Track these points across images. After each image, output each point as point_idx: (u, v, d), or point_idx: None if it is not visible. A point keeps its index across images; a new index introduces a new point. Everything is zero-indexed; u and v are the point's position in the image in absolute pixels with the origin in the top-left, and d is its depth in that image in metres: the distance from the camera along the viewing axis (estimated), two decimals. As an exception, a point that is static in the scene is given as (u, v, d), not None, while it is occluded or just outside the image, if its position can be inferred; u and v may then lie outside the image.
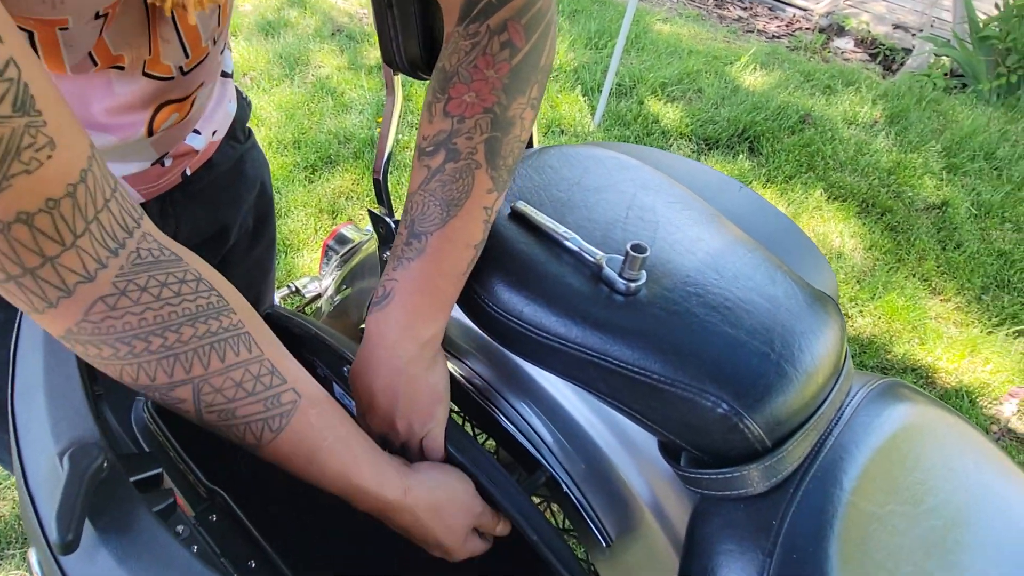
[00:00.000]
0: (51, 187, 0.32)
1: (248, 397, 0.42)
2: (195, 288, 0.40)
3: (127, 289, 0.37)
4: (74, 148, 0.33)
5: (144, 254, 0.38)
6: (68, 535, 0.31)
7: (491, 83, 0.48)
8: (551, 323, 0.50)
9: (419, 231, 0.50)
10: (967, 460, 0.57)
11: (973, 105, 2.85)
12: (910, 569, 0.47)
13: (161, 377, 0.39)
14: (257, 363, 0.42)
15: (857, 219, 2.13)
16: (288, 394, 0.43)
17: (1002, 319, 1.84)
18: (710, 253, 0.55)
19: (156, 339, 0.38)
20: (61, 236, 0.33)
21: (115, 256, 0.36)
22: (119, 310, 0.37)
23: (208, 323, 0.40)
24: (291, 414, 0.43)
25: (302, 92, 2.42)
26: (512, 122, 0.50)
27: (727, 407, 0.45)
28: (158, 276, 0.38)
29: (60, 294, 0.35)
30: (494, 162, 0.50)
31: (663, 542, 0.57)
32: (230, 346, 0.41)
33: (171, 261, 0.39)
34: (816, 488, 0.48)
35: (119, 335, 0.37)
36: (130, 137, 0.55)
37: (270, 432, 0.43)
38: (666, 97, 2.60)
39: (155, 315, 0.38)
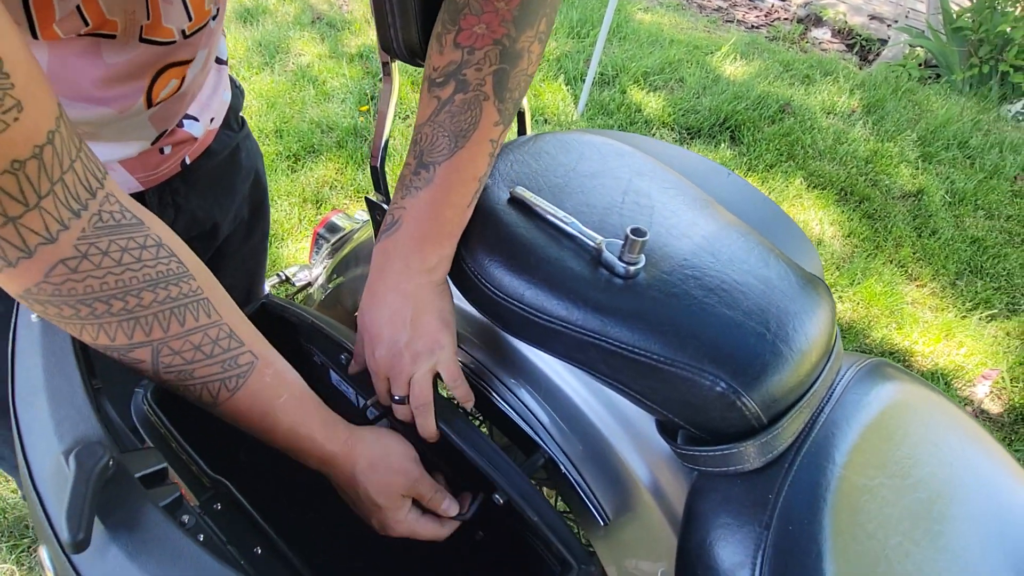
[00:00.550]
0: (17, 149, 0.32)
1: (206, 359, 0.43)
2: (156, 254, 0.40)
3: (89, 252, 0.37)
4: (42, 109, 0.33)
5: (106, 217, 0.38)
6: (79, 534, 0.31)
7: (501, 15, 0.49)
8: (552, 306, 0.51)
9: (428, 161, 0.52)
10: (949, 436, 0.60)
11: (947, 95, 2.91)
12: (899, 539, 0.49)
13: (121, 339, 0.40)
14: (216, 327, 0.44)
15: (836, 207, 2.17)
16: (245, 356, 0.45)
17: (975, 304, 1.89)
18: (705, 237, 0.56)
19: (117, 302, 0.39)
20: (25, 197, 0.33)
21: (77, 218, 0.36)
22: (80, 273, 0.37)
23: (168, 288, 0.41)
24: (248, 374, 0.45)
25: (283, 80, 2.38)
26: (520, 54, 0.51)
27: (725, 385, 0.46)
28: (119, 240, 0.39)
29: (20, 254, 0.35)
30: (501, 95, 0.51)
31: (660, 520, 0.58)
32: (189, 311, 0.42)
33: (133, 225, 0.40)
34: (810, 463, 0.49)
35: (80, 297, 0.38)
36: (128, 108, 0.55)
37: (227, 391, 0.45)
38: (648, 86, 2.62)
39: (116, 279, 0.38)
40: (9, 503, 1.23)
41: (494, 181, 0.58)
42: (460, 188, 0.52)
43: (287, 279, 1.01)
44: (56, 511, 0.36)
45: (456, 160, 0.51)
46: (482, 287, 0.53)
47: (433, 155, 0.51)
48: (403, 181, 0.53)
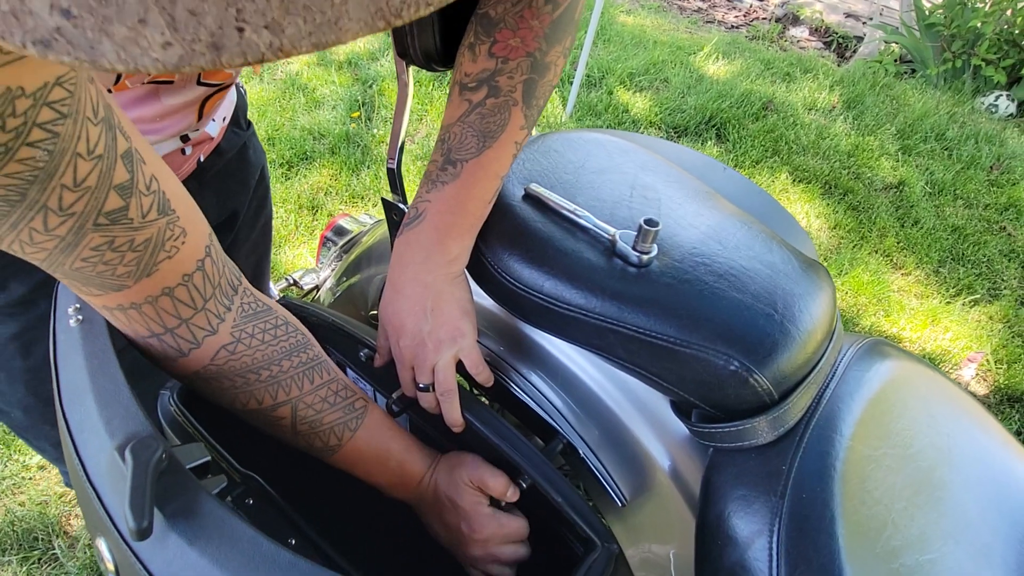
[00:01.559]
0: (186, 265, 0.41)
1: (331, 408, 0.52)
2: (286, 331, 0.50)
3: (241, 337, 0.46)
4: (199, 231, 0.42)
5: (247, 308, 0.47)
6: (143, 522, 0.33)
7: (535, 31, 0.53)
8: (571, 295, 0.53)
9: (455, 158, 0.55)
10: (944, 408, 0.63)
11: (923, 89, 2.98)
12: (903, 504, 0.52)
13: (267, 400, 0.49)
14: (335, 382, 0.53)
15: (821, 200, 2.22)
16: (359, 402, 0.55)
17: (958, 290, 1.95)
18: (711, 226, 0.59)
19: (264, 371, 0.48)
20: (194, 302, 0.42)
21: (229, 311, 0.45)
22: (237, 353, 0.46)
23: (300, 355, 0.50)
24: (363, 416, 0.54)
25: (272, 89, 2.39)
26: (548, 67, 0.55)
27: (739, 364, 0.49)
28: (259, 324, 0.48)
29: (191, 346, 0.44)
30: (529, 101, 0.55)
31: (676, 498, 0.61)
32: (316, 372, 0.51)
33: (266, 311, 0.49)
34: (819, 435, 0.52)
35: (237, 371, 0.47)
36: (182, 131, 0.62)
37: (349, 432, 0.53)
38: (634, 87, 2.66)
39: (263, 354, 0.48)
40: (17, 515, 1.23)
41: (508, 178, 0.61)
42: (484, 184, 0.55)
43: (295, 283, 1.03)
44: (115, 503, 0.38)
45: (483, 158, 0.54)
46: (502, 280, 0.56)
47: (461, 152, 0.54)
48: (428, 177, 0.56)
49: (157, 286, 0.39)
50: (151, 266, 0.38)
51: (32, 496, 1.26)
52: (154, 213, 0.37)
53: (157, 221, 0.37)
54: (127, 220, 0.36)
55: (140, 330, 0.42)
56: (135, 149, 0.36)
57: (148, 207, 0.37)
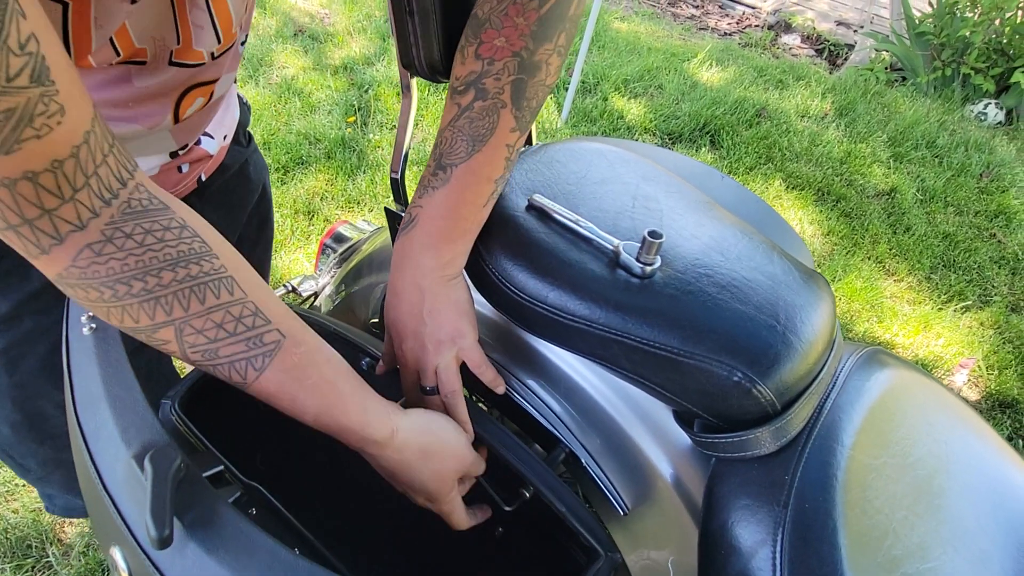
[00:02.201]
0: (58, 149, 0.34)
1: (229, 337, 0.43)
2: (178, 235, 0.41)
3: (113, 236, 0.39)
4: (80, 111, 0.35)
5: (135, 204, 0.40)
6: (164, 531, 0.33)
7: (520, 29, 0.52)
8: (575, 306, 0.54)
9: (446, 163, 0.54)
10: (941, 416, 0.64)
11: (913, 97, 3.02)
12: (903, 513, 0.53)
13: (144, 319, 0.41)
14: (239, 305, 0.43)
15: (815, 207, 2.24)
16: (271, 334, 0.44)
17: (950, 296, 1.97)
18: (713, 237, 0.59)
19: (137, 283, 0.40)
20: (61, 191, 0.36)
21: (108, 206, 0.38)
22: (104, 256, 0.39)
23: (188, 267, 0.41)
24: (274, 353, 0.44)
25: (268, 93, 2.39)
26: (538, 66, 0.53)
27: (742, 375, 0.50)
28: (143, 224, 0.40)
29: (53, 242, 0.37)
30: (519, 103, 0.53)
31: (677, 507, 0.61)
32: (210, 289, 0.42)
33: (159, 210, 0.41)
34: (821, 445, 0.53)
35: (103, 280, 0.39)
36: (156, 125, 0.57)
37: (254, 371, 0.44)
38: (629, 93, 2.68)
39: (136, 260, 0.39)
40: (11, 523, 1.22)
41: (511, 189, 0.61)
42: (476, 188, 0.54)
43: (293, 289, 1.03)
44: (132, 512, 0.38)
45: (472, 162, 0.54)
46: (506, 290, 0.56)
47: (451, 157, 0.54)
48: (422, 182, 0.56)
49: (17, 168, 0.33)
50: (11, 143, 0.32)
51: (26, 503, 1.25)
52: (24, 79, 0.31)
53: (27, 90, 0.31)
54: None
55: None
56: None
57: (17, 70, 0.31)
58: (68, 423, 0.44)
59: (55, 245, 0.37)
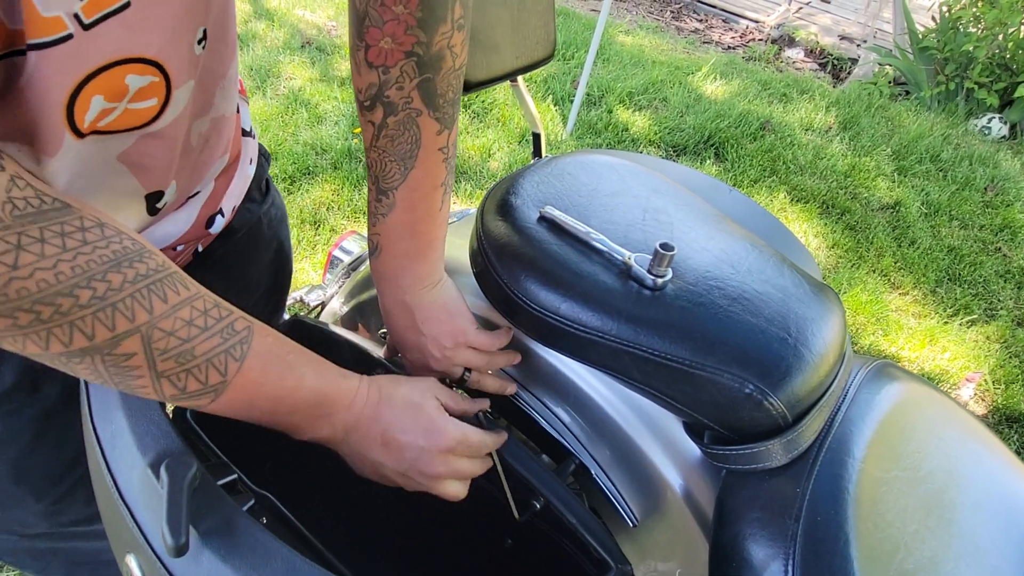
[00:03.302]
0: None
1: (202, 333, 0.38)
2: (102, 233, 0.34)
3: (22, 243, 0.31)
4: None
5: (21, 204, 0.31)
6: (181, 539, 0.33)
7: (403, 21, 0.44)
8: (587, 318, 0.54)
9: (384, 187, 0.51)
10: (951, 430, 0.64)
11: (917, 111, 3.03)
12: (915, 527, 0.53)
13: (101, 332, 0.34)
14: (199, 298, 0.39)
15: (819, 219, 2.25)
16: (240, 322, 0.41)
17: (956, 310, 1.97)
18: (723, 249, 0.60)
19: (83, 291, 0.33)
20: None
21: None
22: (24, 268, 0.30)
23: (134, 266, 0.35)
24: (249, 339, 0.41)
25: (275, 104, 2.41)
26: (440, 56, 0.46)
27: (753, 387, 0.50)
28: (52, 227, 0.32)
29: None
30: (433, 103, 0.48)
31: (687, 519, 0.61)
32: (167, 286, 0.36)
33: (59, 210, 0.33)
34: (832, 458, 0.53)
35: (35, 296, 0.31)
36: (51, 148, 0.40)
37: (235, 361, 0.40)
38: (634, 106, 2.69)
39: (71, 265, 0.32)
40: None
41: (523, 201, 0.62)
42: (424, 203, 0.52)
43: (301, 299, 1.03)
44: (148, 520, 0.38)
45: (411, 180, 0.51)
46: (518, 301, 0.57)
47: (388, 182, 0.51)
48: (370, 207, 0.53)
49: None
50: None
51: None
52: None
53: None
54: None
55: None
56: None
57: None
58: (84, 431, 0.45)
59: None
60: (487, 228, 0.60)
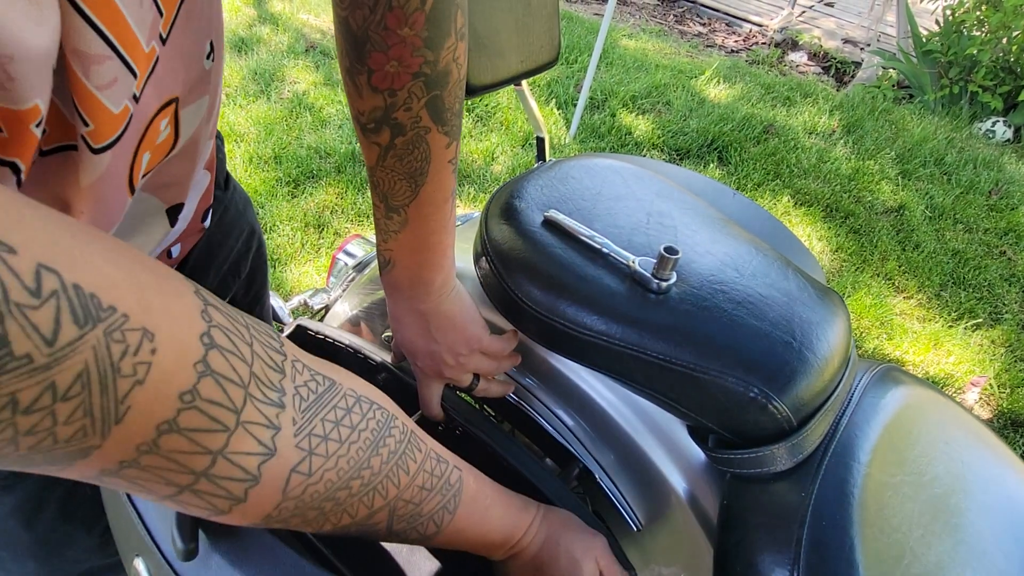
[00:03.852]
0: (177, 381, 0.25)
1: (429, 494, 0.40)
2: (363, 412, 0.36)
3: (313, 447, 0.32)
4: (177, 317, 0.25)
5: (305, 393, 0.32)
6: (190, 543, 0.34)
7: (410, 44, 0.43)
8: (592, 321, 0.54)
9: (395, 205, 0.51)
10: (957, 434, 0.64)
11: (921, 115, 3.03)
12: (920, 532, 0.53)
13: (362, 512, 0.36)
14: (429, 459, 0.41)
15: (823, 223, 2.24)
16: (454, 473, 0.43)
17: (960, 314, 1.96)
18: (728, 253, 0.60)
19: (355, 482, 0.35)
20: (221, 421, 0.27)
21: (283, 409, 0.30)
22: (316, 473, 0.32)
23: (387, 443, 0.37)
24: (461, 490, 0.43)
25: (279, 108, 2.42)
26: (447, 72, 0.46)
27: (758, 391, 0.50)
28: (329, 416, 0.33)
29: (246, 484, 0.29)
30: (441, 117, 0.48)
31: (692, 524, 0.61)
32: (409, 457, 0.39)
33: (328, 389, 0.34)
34: (837, 463, 0.53)
35: (323, 496, 0.33)
36: (121, 204, 0.41)
37: (449, 515, 0.42)
38: (637, 110, 2.69)
39: (348, 460, 0.34)
40: None
41: (527, 205, 0.62)
42: (436, 215, 0.52)
43: (305, 303, 1.04)
44: (157, 524, 0.38)
45: (422, 197, 0.50)
46: (523, 306, 0.57)
47: (397, 200, 0.50)
48: (378, 224, 0.53)
49: (148, 426, 0.24)
50: (115, 407, 0.23)
51: None
52: (72, 329, 0.21)
53: (84, 339, 0.21)
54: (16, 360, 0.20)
55: (158, 489, 0.27)
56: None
57: (50, 323, 0.20)
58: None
59: (251, 486, 0.29)
60: (491, 232, 0.60)
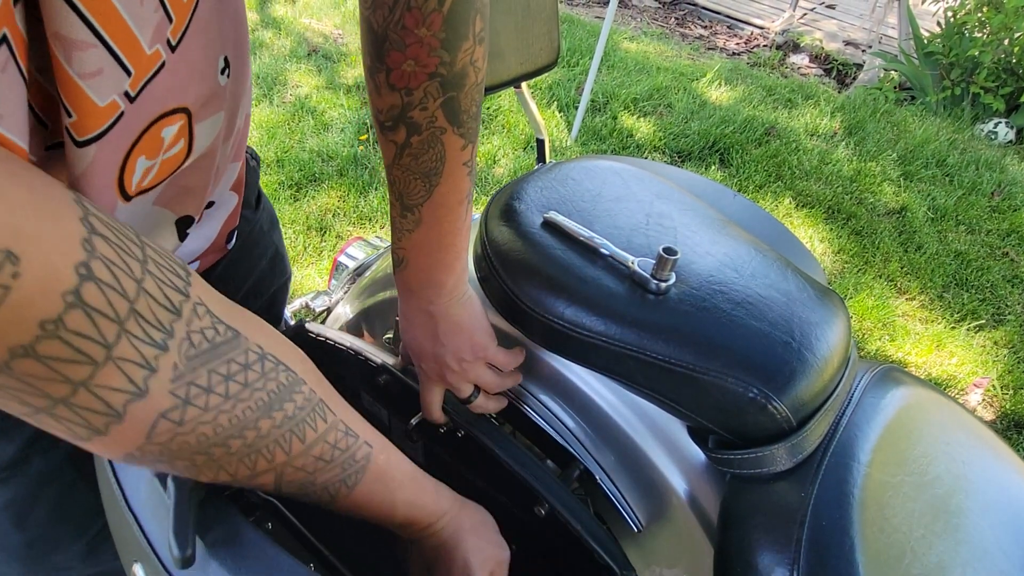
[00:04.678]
0: (37, 308, 0.24)
1: (327, 466, 0.40)
2: (262, 371, 0.35)
3: (190, 396, 0.31)
4: (50, 245, 0.25)
5: (198, 340, 0.31)
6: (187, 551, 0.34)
7: (427, 44, 0.43)
8: (591, 322, 0.54)
9: (409, 204, 0.51)
10: (958, 434, 0.63)
11: (923, 116, 3.02)
12: (922, 532, 0.53)
13: (243, 472, 0.36)
14: (334, 431, 0.40)
15: (825, 225, 2.24)
16: (361, 450, 0.42)
17: (963, 315, 1.96)
18: (727, 254, 0.60)
19: (235, 441, 0.33)
20: (86, 353, 0.26)
21: (165, 352, 0.29)
22: (188, 423, 0.31)
23: (284, 407, 0.36)
24: (365, 469, 0.42)
25: (282, 112, 2.43)
26: (464, 73, 0.46)
27: (757, 391, 0.50)
28: (220, 369, 0.32)
29: (108, 419, 0.28)
30: (457, 120, 0.48)
31: (692, 524, 0.61)
32: (308, 424, 0.38)
33: (229, 342, 0.33)
34: (837, 463, 0.53)
35: (194, 449, 0.32)
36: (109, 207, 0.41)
37: (346, 488, 0.42)
38: (638, 112, 2.70)
39: (229, 417, 0.33)
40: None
41: (527, 206, 0.62)
42: (449, 217, 0.52)
43: (306, 305, 1.04)
44: (155, 530, 0.38)
45: (436, 197, 0.51)
46: (523, 307, 0.57)
47: (412, 198, 0.51)
48: (394, 223, 0.53)
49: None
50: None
51: None
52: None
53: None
54: None
55: (13, 407, 0.27)
56: None
57: None
58: None
59: (114, 423, 0.29)
60: (491, 233, 0.60)
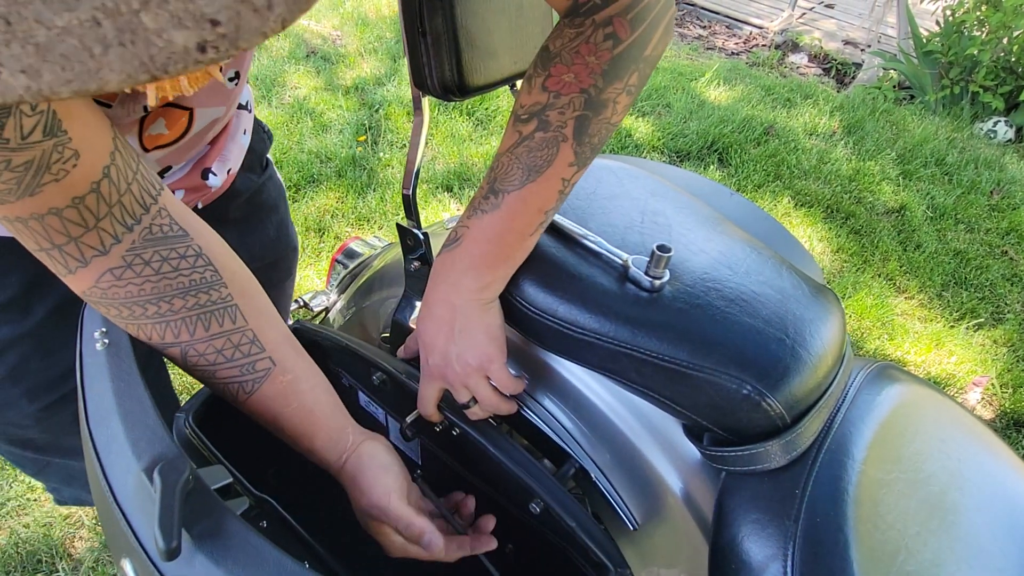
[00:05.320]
0: (77, 188, 0.39)
1: (226, 363, 0.48)
2: (192, 263, 0.46)
3: (132, 262, 0.43)
4: (96, 151, 0.39)
5: (155, 229, 0.44)
6: (172, 543, 0.34)
7: (591, 68, 0.51)
8: (585, 320, 0.54)
9: (498, 188, 0.54)
10: (954, 432, 0.63)
11: (922, 115, 3.02)
12: (916, 529, 0.53)
13: (155, 338, 0.46)
14: (239, 333, 0.48)
15: (824, 224, 2.24)
16: (263, 362, 0.49)
17: (962, 314, 1.96)
18: (721, 251, 0.60)
19: (151, 307, 0.45)
20: (85, 221, 0.40)
21: (130, 231, 0.43)
22: (123, 281, 0.43)
23: (198, 296, 0.46)
24: (263, 380, 0.49)
25: (280, 113, 2.43)
26: (605, 104, 0.52)
27: (751, 388, 0.50)
28: (162, 251, 0.44)
29: (78, 264, 0.42)
30: (580, 138, 0.52)
31: (688, 522, 0.61)
32: (215, 317, 0.47)
33: (178, 236, 0.45)
34: (831, 459, 0.53)
35: (121, 300, 0.44)
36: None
37: (244, 393, 0.49)
38: (637, 112, 2.70)
39: (152, 287, 0.44)
40: (22, 537, 1.22)
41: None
42: (524, 218, 0.54)
43: (305, 304, 1.04)
44: (142, 524, 0.38)
45: (525, 191, 0.53)
46: (517, 304, 0.57)
47: (505, 184, 0.53)
48: (472, 203, 0.56)
49: (43, 206, 0.38)
50: (33, 187, 0.37)
51: (36, 518, 1.26)
52: (38, 134, 0.35)
53: (41, 143, 0.35)
54: (2, 141, 0.34)
55: (29, 243, 0.41)
56: None
57: (31, 128, 0.35)
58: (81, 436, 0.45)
59: (80, 267, 0.42)
60: (486, 232, 0.60)
